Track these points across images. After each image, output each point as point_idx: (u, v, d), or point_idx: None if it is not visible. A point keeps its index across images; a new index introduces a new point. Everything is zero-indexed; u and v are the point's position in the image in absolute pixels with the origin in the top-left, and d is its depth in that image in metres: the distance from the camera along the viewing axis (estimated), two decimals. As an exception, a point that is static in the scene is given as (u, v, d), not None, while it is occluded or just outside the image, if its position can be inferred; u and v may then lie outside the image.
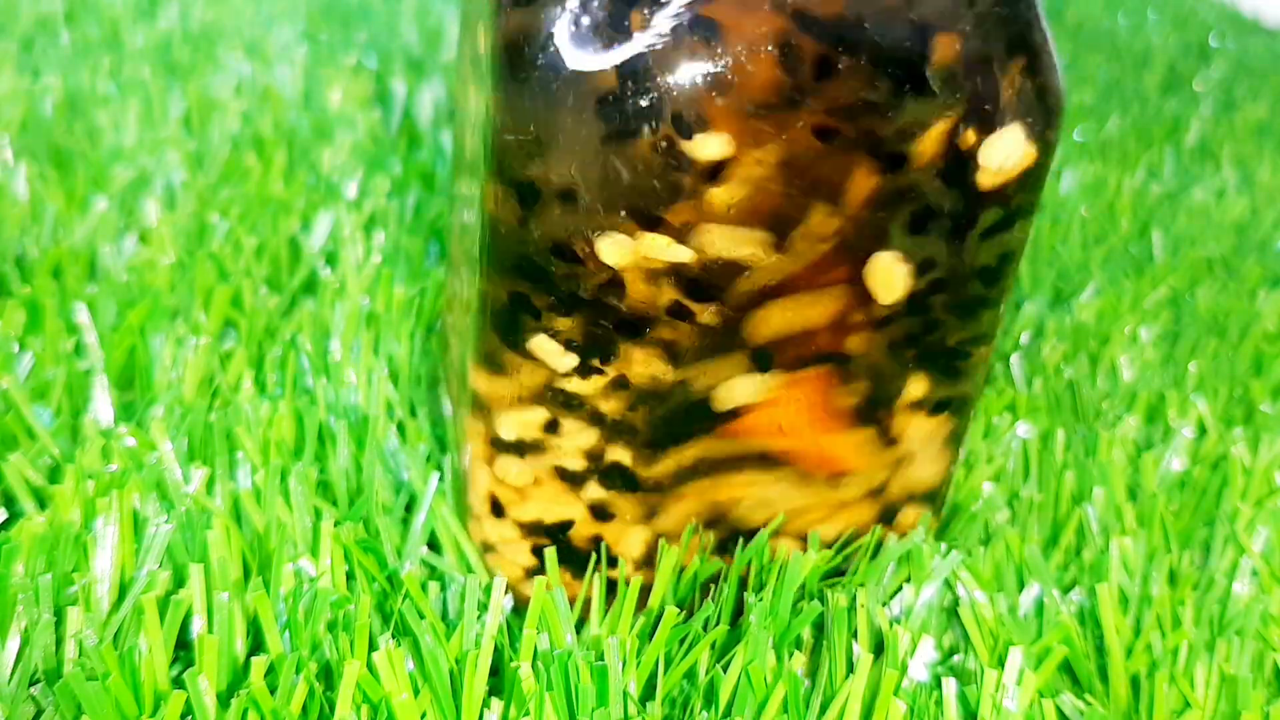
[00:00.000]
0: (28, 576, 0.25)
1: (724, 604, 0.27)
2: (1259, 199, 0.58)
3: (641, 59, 0.21)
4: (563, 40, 0.21)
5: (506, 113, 0.22)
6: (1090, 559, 0.31)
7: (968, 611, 0.27)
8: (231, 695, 0.23)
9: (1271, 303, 0.46)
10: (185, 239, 0.41)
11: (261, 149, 0.49)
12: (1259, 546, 0.31)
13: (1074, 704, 0.25)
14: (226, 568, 0.26)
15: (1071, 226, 0.52)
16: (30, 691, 0.23)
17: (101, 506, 0.27)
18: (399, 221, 0.44)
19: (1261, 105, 0.73)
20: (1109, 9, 0.93)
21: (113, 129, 0.49)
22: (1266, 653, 0.28)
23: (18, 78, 0.53)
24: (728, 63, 0.21)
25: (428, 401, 0.34)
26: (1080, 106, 0.68)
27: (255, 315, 0.36)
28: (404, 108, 0.56)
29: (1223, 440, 0.36)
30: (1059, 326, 0.43)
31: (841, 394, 0.25)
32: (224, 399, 0.33)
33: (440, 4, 0.75)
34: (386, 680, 0.23)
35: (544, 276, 0.23)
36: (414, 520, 0.28)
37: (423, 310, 0.37)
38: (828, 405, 0.25)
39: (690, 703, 0.25)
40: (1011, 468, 0.34)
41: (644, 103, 0.21)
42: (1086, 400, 0.38)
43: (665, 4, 0.21)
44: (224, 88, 0.55)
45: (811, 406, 0.25)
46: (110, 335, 0.35)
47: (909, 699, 0.25)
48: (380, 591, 0.27)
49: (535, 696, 0.23)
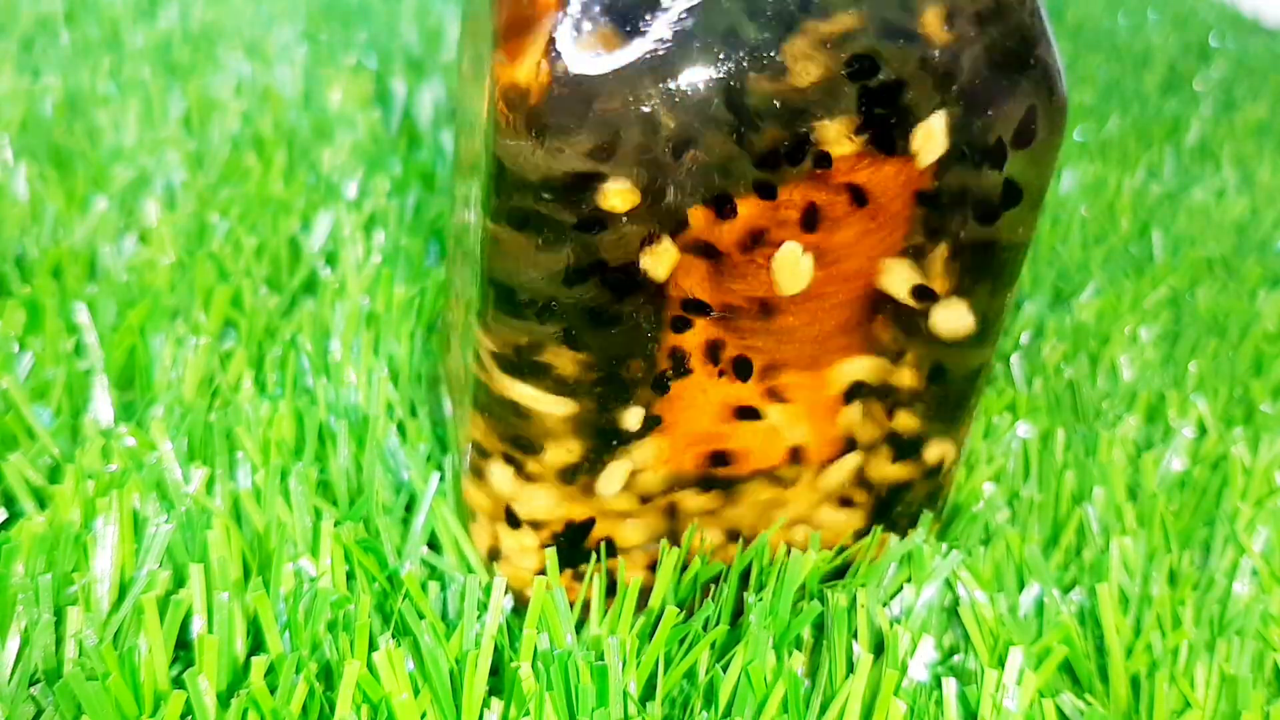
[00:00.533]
0: (28, 576, 0.25)
1: (724, 604, 0.27)
2: (1259, 199, 0.58)
3: (643, 63, 0.21)
4: (565, 44, 0.21)
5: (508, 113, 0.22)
6: (1090, 559, 0.31)
7: (968, 611, 0.27)
8: (231, 695, 0.23)
9: (1271, 303, 0.46)
10: (185, 239, 0.41)
11: (261, 149, 0.49)
12: (1259, 546, 0.31)
13: (1074, 704, 0.25)
14: (226, 568, 0.26)
15: (1071, 226, 0.52)
16: (30, 691, 0.23)
17: (101, 506, 0.27)
18: (399, 221, 0.44)
19: (1261, 105, 0.73)
20: (1109, 9, 0.93)
21: (113, 129, 0.49)
22: (1266, 653, 0.28)
23: (18, 78, 0.53)
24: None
25: (428, 401, 0.34)
26: (1080, 106, 0.68)
27: (255, 315, 0.36)
28: (404, 108, 0.56)
29: (1223, 440, 0.36)
30: (1059, 326, 0.43)
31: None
32: (224, 399, 0.33)
33: (440, 4, 0.75)
34: (386, 680, 0.23)
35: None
36: (414, 520, 0.28)
37: (423, 310, 0.37)
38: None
39: (690, 703, 0.25)
40: (1011, 468, 0.34)
41: (647, 109, 0.21)
42: (1086, 400, 0.38)
43: (666, 9, 0.21)
44: (224, 88, 0.55)
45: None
46: (110, 335, 0.35)
47: (909, 699, 0.25)
48: (380, 591, 0.27)
49: (535, 696, 0.23)
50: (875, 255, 0.23)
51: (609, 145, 0.21)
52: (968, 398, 0.27)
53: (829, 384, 0.25)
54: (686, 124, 0.21)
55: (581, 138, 0.21)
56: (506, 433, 0.25)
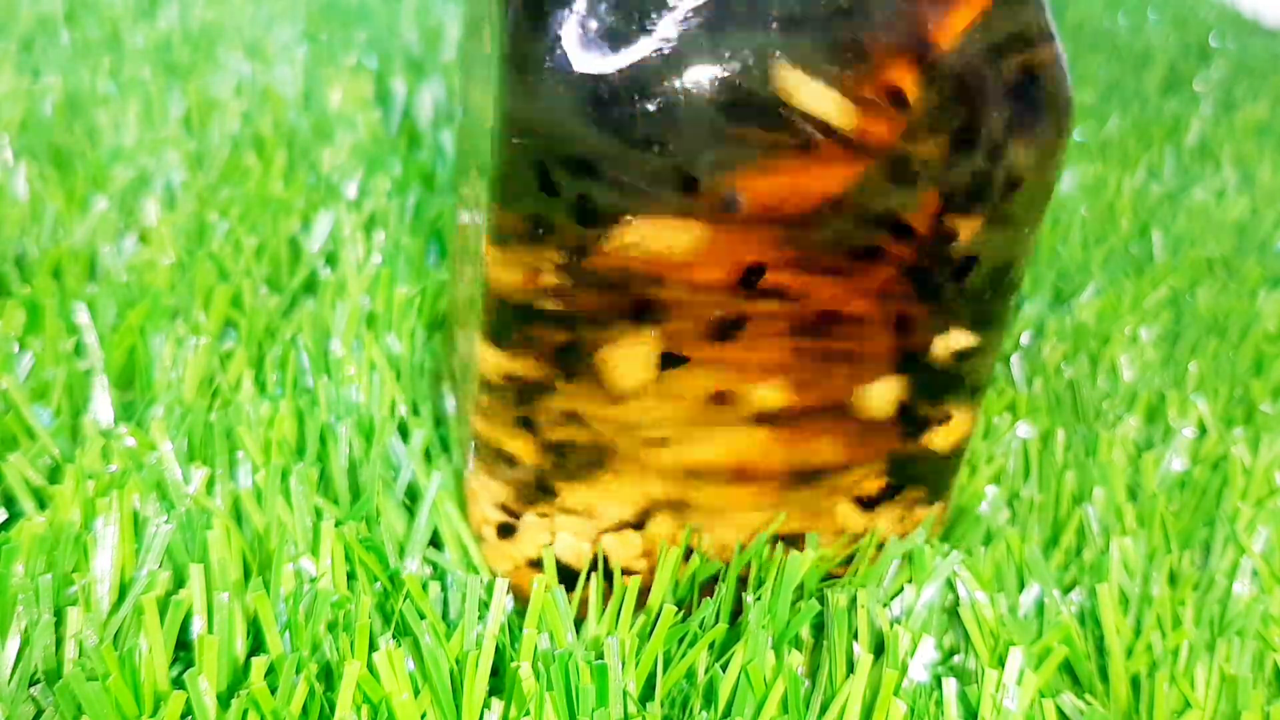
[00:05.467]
0: (28, 576, 0.25)
1: (722, 603, 0.27)
2: (1259, 199, 0.58)
3: (649, 62, 0.21)
4: (571, 43, 0.21)
5: (514, 113, 0.22)
6: (1090, 559, 0.31)
7: (968, 612, 0.27)
8: (232, 695, 0.23)
9: (1271, 303, 0.46)
10: (185, 239, 0.41)
11: (261, 149, 0.49)
12: (1259, 546, 0.31)
13: (1074, 704, 0.25)
14: (226, 568, 0.26)
15: (1071, 226, 0.52)
16: (30, 691, 0.23)
17: (101, 506, 0.27)
18: (399, 221, 0.44)
19: (1261, 105, 0.73)
20: (1109, 9, 0.93)
21: (113, 129, 0.49)
22: (1266, 653, 0.28)
23: (18, 78, 0.53)
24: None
25: (429, 399, 0.34)
26: (1080, 106, 0.68)
27: (255, 315, 0.36)
28: (404, 108, 0.56)
29: (1223, 440, 0.36)
30: (1059, 326, 0.43)
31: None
32: (224, 399, 0.33)
33: (440, 4, 0.75)
34: (387, 680, 0.23)
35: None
36: (417, 518, 0.28)
37: (423, 310, 0.37)
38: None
39: (690, 702, 0.25)
40: (1012, 468, 0.34)
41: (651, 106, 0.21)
42: (1086, 400, 0.38)
43: (673, 8, 0.21)
44: (224, 88, 0.55)
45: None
46: (110, 335, 0.35)
47: (909, 699, 0.25)
48: (381, 591, 0.27)
49: (535, 697, 0.23)
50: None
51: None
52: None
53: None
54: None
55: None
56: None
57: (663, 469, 0.26)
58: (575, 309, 0.23)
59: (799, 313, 0.24)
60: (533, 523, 0.26)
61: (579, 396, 0.24)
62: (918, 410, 0.26)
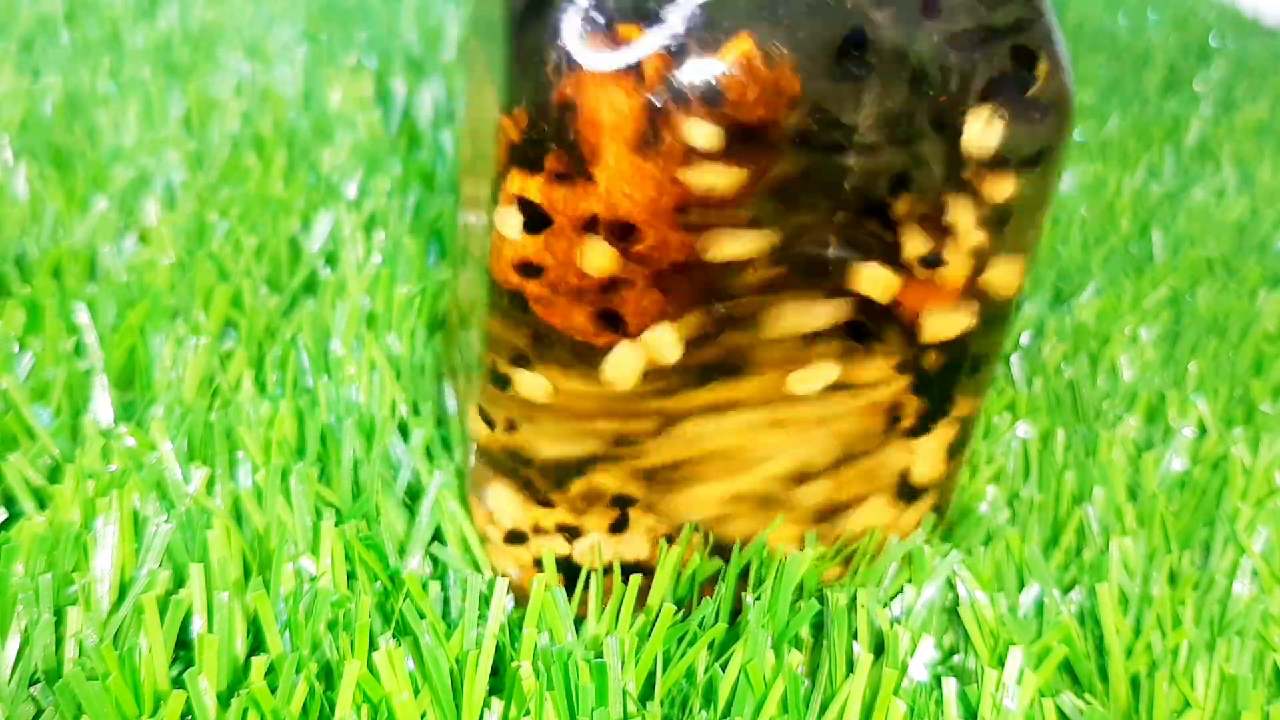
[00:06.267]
0: (28, 576, 0.25)
1: (722, 603, 0.27)
2: (1259, 199, 0.58)
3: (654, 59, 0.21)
4: (574, 39, 0.21)
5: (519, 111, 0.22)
6: (1090, 559, 0.31)
7: (968, 611, 0.27)
8: (232, 695, 0.23)
9: (1271, 303, 0.46)
10: (185, 239, 0.41)
11: (261, 149, 0.49)
12: (1259, 546, 0.31)
13: (1074, 704, 0.25)
14: (226, 567, 0.26)
15: (1071, 226, 0.52)
16: (30, 691, 0.23)
17: (101, 506, 0.27)
18: (399, 221, 0.44)
19: (1261, 105, 0.73)
20: (1109, 9, 0.93)
21: (113, 129, 0.49)
22: (1266, 653, 0.28)
23: (18, 78, 0.53)
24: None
25: (430, 399, 0.34)
26: (1080, 106, 0.68)
27: (255, 315, 0.36)
28: (404, 108, 0.56)
29: (1223, 440, 0.36)
30: (1059, 326, 0.43)
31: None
32: (224, 399, 0.33)
33: (440, 4, 0.75)
34: (387, 680, 0.23)
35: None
36: (418, 517, 0.28)
37: (423, 309, 0.37)
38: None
39: (689, 702, 0.25)
40: (1012, 468, 0.34)
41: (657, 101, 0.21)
42: (1086, 400, 0.38)
43: (678, 3, 0.21)
44: (224, 88, 0.55)
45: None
46: (110, 335, 0.35)
47: (909, 699, 0.25)
48: (381, 591, 0.27)
49: (535, 696, 0.23)
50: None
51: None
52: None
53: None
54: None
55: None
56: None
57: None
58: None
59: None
60: (536, 522, 0.26)
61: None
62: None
